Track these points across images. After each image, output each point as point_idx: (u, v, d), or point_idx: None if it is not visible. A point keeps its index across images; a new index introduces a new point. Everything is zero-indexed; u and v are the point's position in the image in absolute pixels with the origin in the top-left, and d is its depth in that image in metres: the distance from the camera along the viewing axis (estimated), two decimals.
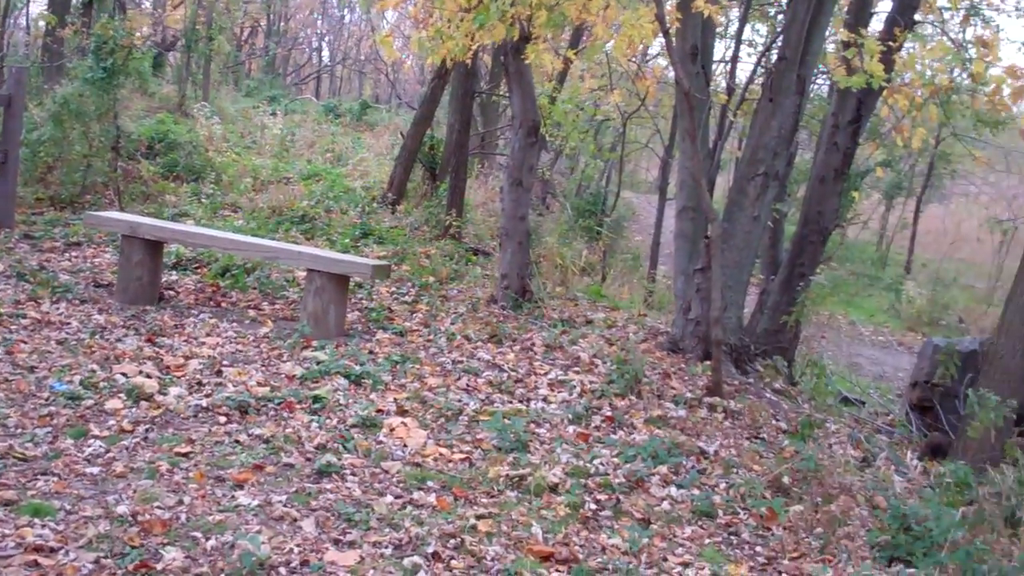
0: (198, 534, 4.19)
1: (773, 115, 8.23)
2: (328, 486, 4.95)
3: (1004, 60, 20.67)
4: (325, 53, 48.31)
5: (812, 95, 13.90)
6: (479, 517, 4.75)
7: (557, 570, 4.35)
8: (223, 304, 8.57)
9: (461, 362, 7.55)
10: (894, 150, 17.90)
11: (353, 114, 28.32)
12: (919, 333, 16.61)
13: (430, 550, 4.31)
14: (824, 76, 14.61)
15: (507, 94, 12.27)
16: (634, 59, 14.36)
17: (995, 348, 7.30)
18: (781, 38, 8.73)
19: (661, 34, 7.31)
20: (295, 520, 4.47)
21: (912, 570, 4.88)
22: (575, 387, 7.13)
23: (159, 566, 3.86)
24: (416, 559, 4.21)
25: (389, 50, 10.74)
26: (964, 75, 11.47)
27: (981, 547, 5.03)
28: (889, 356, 14.52)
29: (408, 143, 14.94)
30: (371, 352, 7.49)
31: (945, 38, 10.65)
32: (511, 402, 6.78)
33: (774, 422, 7.12)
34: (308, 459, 5.27)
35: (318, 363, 6.93)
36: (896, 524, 5.26)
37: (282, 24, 42.53)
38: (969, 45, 10.13)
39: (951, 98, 11.88)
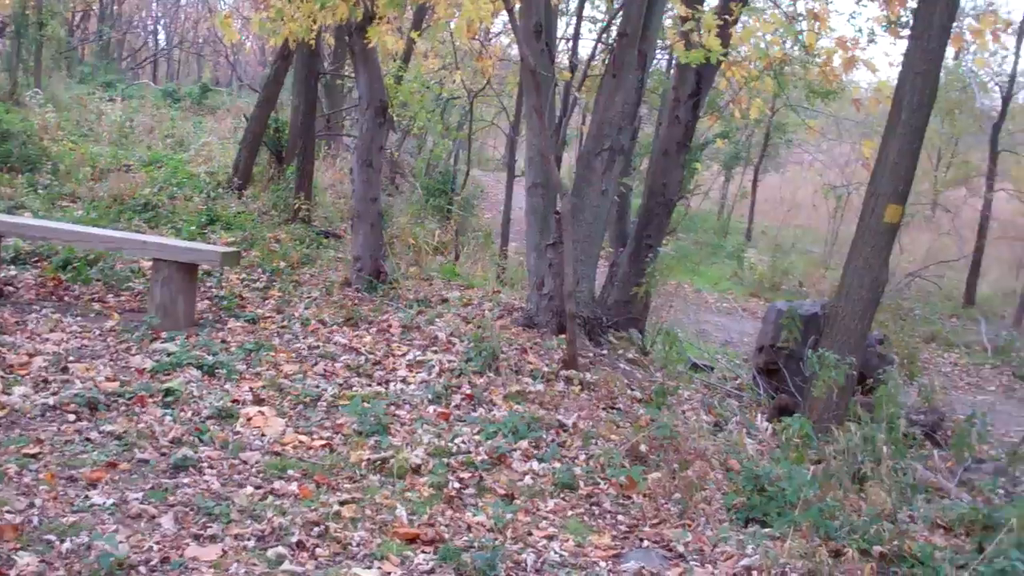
0: (52, 537, 4.04)
1: (616, 91, 8.36)
2: (185, 480, 4.84)
3: (834, 32, 21.49)
4: (161, 36, 46.86)
5: (652, 70, 14.17)
6: (342, 503, 4.72)
7: (423, 551, 4.35)
8: (66, 298, 8.26)
9: (317, 347, 7.47)
10: (732, 122, 18.40)
11: (193, 98, 27.60)
12: (761, 298, 17.19)
13: (294, 539, 4.26)
14: (664, 51, 14.94)
15: (352, 75, 12.14)
16: (477, 38, 14.36)
17: (835, 310, 7.61)
18: (621, 15, 8.86)
19: (505, 11, 7.35)
20: (153, 517, 4.36)
21: (768, 529, 5.07)
22: (434, 367, 7.14)
23: (12, 573, 3.71)
24: (280, 549, 4.16)
25: (229, 32, 10.47)
26: (797, 47, 11.89)
27: (832, 504, 5.26)
28: (734, 322, 14.98)
29: (252, 126, 14.63)
30: (224, 341, 7.35)
31: (778, 11, 10.98)
32: (370, 385, 6.74)
33: (629, 392, 7.28)
34: (163, 454, 5.14)
35: (169, 355, 6.75)
36: (750, 486, 5.45)
37: (115, 7, 41.06)
38: (801, 18, 10.46)
39: (785, 70, 12.29)
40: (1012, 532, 4.90)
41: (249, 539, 4.25)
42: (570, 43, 15.12)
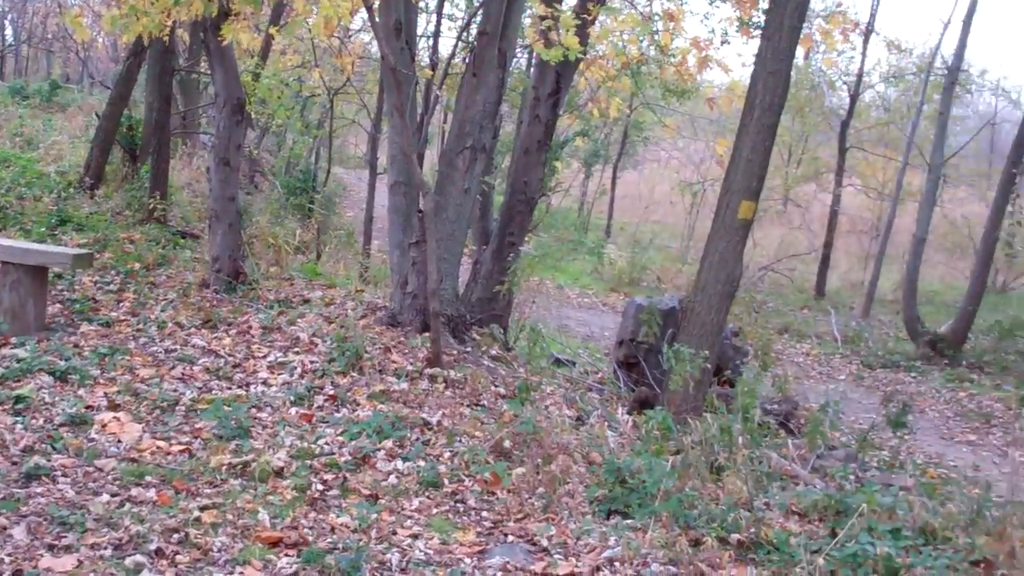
0: None
1: (477, 89, 8.39)
2: (38, 490, 4.69)
3: (689, 32, 21.95)
4: (8, 32, 44.97)
5: (513, 69, 14.27)
6: (203, 508, 4.64)
7: (287, 555, 4.31)
8: None
9: (174, 350, 7.31)
10: (591, 120, 18.65)
11: (43, 95, 26.56)
12: (621, 293, 17.49)
13: (153, 547, 4.17)
14: (524, 50, 15.06)
15: (208, 71, 11.89)
16: (336, 35, 14.22)
17: (692, 305, 7.81)
18: (481, 13, 8.90)
19: (364, 8, 7.30)
20: (4, 528, 4.21)
21: (629, 520, 5.18)
22: (296, 368, 7.06)
23: None
24: (138, 558, 4.06)
25: (80, 30, 10.15)
26: (653, 47, 12.12)
27: (690, 494, 5.40)
28: (595, 317, 15.21)
29: (104, 124, 14.17)
30: (76, 346, 7.12)
31: (634, 11, 11.18)
32: (230, 388, 6.64)
33: (493, 388, 7.33)
34: (14, 463, 4.96)
35: (18, 361, 6.51)
36: (612, 478, 5.55)
37: None
38: (656, 18, 10.69)
39: (642, 69, 12.53)
40: (863, 516, 5.11)
41: (106, 548, 4.15)
42: (431, 41, 15.13)
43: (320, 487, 5.14)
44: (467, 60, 9.25)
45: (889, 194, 20.00)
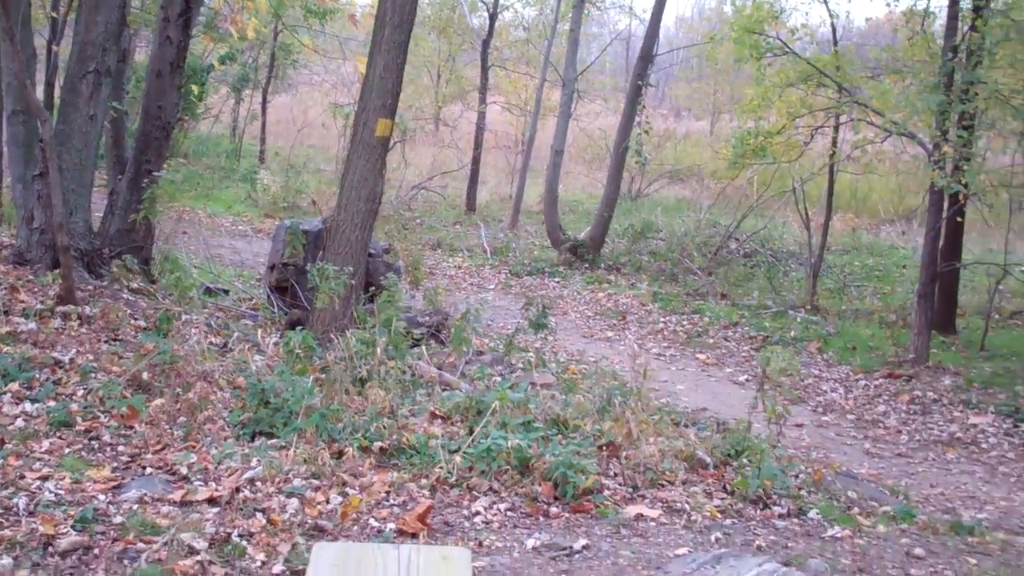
0: None
1: (98, 10, 7.96)
2: None
3: None
4: None
5: None
6: None
7: None
8: None
9: None
10: (237, 44, 18.12)
11: None
12: (276, 219, 17.27)
13: None
14: None
15: None
16: None
17: (336, 223, 7.86)
18: None
19: None
20: None
21: (274, 440, 5.21)
22: None
23: None
24: None
25: None
26: None
27: (336, 408, 5.50)
28: (249, 244, 14.96)
29: None
30: None
31: None
32: None
33: (133, 321, 7.09)
34: None
35: None
36: (256, 400, 5.55)
37: None
38: None
39: None
40: (496, 414, 5.41)
41: None
42: None
43: None
44: None
45: (531, 110, 20.79)
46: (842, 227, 20.08)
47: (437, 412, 5.89)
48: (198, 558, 3.82)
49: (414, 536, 4.26)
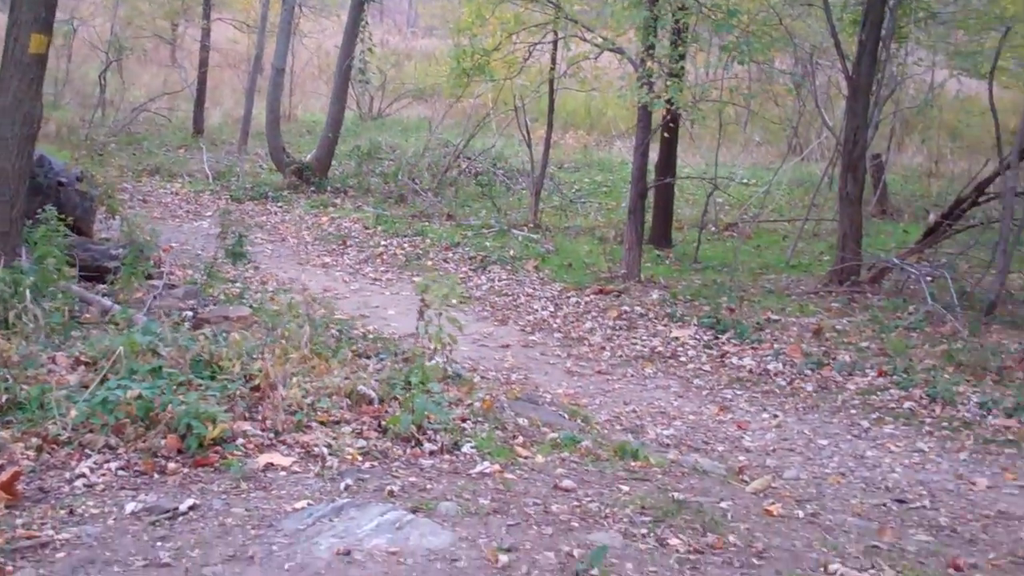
0: None
1: None
2: None
3: None
4: None
5: None
6: None
7: None
8: None
9: None
10: None
11: None
12: None
13: None
14: None
15: None
16: None
17: None
18: None
19: None
20: None
21: None
22: None
23: None
24: None
25: None
26: None
27: None
28: None
29: None
30: None
31: None
32: None
33: None
34: None
35: None
36: None
37: None
38: None
39: None
40: (126, 360, 4.94)
41: None
42: None
43: None
44: None
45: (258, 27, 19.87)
46: (575, 143, 20.29)
47: (82, 358, 5.34)
48: None
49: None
